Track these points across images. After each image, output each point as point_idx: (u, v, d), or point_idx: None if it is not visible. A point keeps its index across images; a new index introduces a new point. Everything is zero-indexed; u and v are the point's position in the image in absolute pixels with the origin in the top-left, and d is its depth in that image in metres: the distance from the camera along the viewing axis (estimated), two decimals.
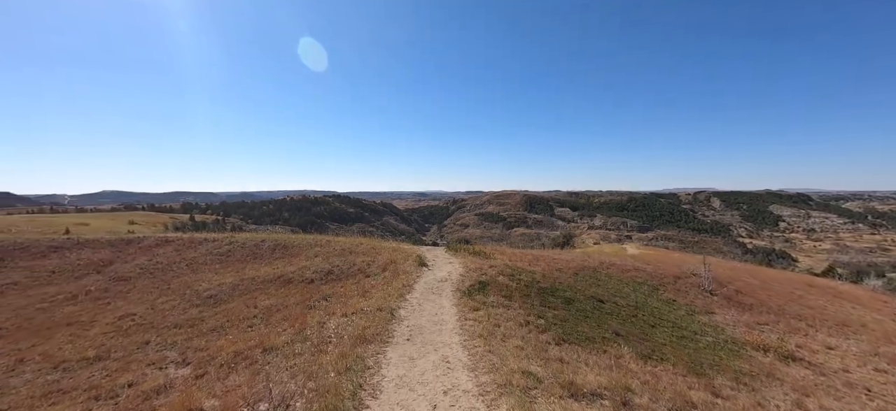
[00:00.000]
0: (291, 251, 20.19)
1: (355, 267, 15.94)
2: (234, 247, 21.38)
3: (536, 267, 17.73)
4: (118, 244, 21.94)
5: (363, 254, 17.75)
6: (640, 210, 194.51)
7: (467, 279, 12.76)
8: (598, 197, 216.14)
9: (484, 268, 14.63)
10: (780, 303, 19.61)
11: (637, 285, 18.56)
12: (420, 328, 8.00)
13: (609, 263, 22.15)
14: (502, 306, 10.60)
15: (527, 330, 8.53)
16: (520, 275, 14.51)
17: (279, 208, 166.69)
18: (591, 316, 11.70)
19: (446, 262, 15.65)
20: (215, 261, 19.59)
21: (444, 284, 12.18)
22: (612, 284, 17.59)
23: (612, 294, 15.48)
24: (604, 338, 9.52)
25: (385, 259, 16.31)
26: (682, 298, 18.13)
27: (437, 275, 13.30)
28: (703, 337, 12.60)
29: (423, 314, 9.10)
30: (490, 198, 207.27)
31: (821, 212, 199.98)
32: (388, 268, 14.97)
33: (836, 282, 31.04)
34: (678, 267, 23.85)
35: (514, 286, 12.83)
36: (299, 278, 15.51)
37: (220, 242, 22.26)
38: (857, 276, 43.36)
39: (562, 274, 17.25)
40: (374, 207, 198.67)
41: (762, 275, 27.41)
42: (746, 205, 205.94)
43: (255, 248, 21.06)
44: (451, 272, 13.76)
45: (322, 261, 17.30)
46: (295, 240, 21.81)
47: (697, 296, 19.13)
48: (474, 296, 11.11)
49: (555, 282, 14.90)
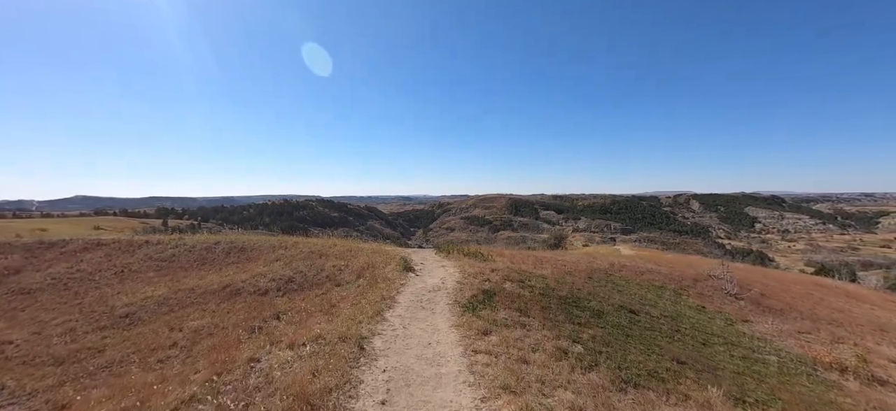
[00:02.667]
0: (249, 255, 16.72)
1: (323, 273, 12.70)
2: (179, 251, 17.72)
3: (543, 269, 14.87)
4: (35, 248, 17.92)
5: (335, 258, 14.49)
6: (623, 212, 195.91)
7: (467, 287, 9.74)
8: (582, 200, 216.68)
9: (485, 272, 11.64)
10: (808, 307, 17.33)
11: (658, 290, 15.94)
12: (405, 372, 4.93)
13: (619, 265, 19.53)
14: (519, 325, 7.63)
15: (567, 367, 5.58)
16: (529, 281, 11.59)
17: (260, 212, 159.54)
18: (633, 334, 8.87)
19: (437, 266, 12.60)
20: (152, 269, 15.93)
21: (438, 295, 9.13)
22: (632, 289, 14.89)
23: (638, 302, 12.74)
24: (668, 371, 6.68)
25: (361, 263, 13.12)
26: (709, 304, 15.60)
27: (428, 283, 10.22)
28: (766, 356, 9.95)
29: (409, 345, 6.02)
30: (475, 201, 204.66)
31: (793, 213, 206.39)
32: (364, 275, 11.80)
33: (841, 282, 29.56)
34: (692, 268, 21.49)
35: (526, 295, 9.90)
36: (250, 288, 12.15)
37: (165, 245, 18.54)
38: (847, 274, 42.66)
39: (574, 278, 14.43)
40: (358, 211, 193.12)
41: (775, 277, 25.39)
42: (724, 208, 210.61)
43: (205, 252, 17.47)
44: (444, 278, 10.71)
45: (282, 267, 13.95)
46: (255, 241, 18.32)
47: (724, 300, 16.68)
48: (479, 312, 8.10)
49: (572, 288, 12.05)
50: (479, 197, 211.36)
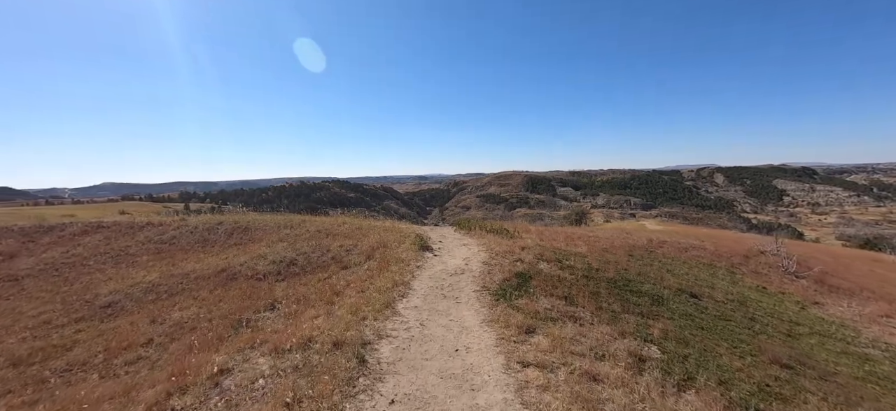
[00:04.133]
0: (252, 235, 15.42)
1: (329, 254, 11.19)
2: (181, 233, 16.57)
3: (578, 247, 13.02)
4: (32, 232, 17.06)
5: (343, 237, 12.98)
6: (643, 187, 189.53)
7: (496, 269, 8.03)
8: (601, 175, 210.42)
9: (514, 250, 9.89)
10: (877, 286, 15.00)
11: (709, 268, 13.95)
12: (424, 403, 3.25)
13: (658, 241, 17.49)
14: (569, 318, 5.92)
15: (655, 385, 3.86)
16: (567, 260, 9.80)
17: (278, 195, 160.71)
18: (707, 326, 7.06)
19: (458, 244, 10.91)
20: (150, 252, 14.81)
21: (462, 279, 7.46)
22: (681, 269, 12.95)
23: (694, 283, 10.83)
24: (778, 380, 4.89)
25: (372, 242, 11.55)
26: (768, 283, 13.53)
27: (449, 264, 8.56)
28: (867, 350, 8.01)
29: (428, 353, 4.38)
30: (491, 179, 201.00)
31: (825, 185, 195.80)
32: (374, 256, 10.23)
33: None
34: (739, 243, 19.25)
35: (568, 278, 8.13)
36: (248, 272, 10.77)
37: (166, 227, 17.44)
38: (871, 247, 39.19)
39: (614, 256, 12.55)
40: (374, 192, 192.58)
41: (829, 252, 22.80)
42: (750, 181, 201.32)
43: (206, 233, 16.27)
44: (468, 258, 9.02)
45: (286, 248, 12.53)
46: (259, 221, 17.00)
47: (783, 279, 14.55)
48: (515, 301, 6.41)
49: (617, 268, 10.20)
50: (495, 174, 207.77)
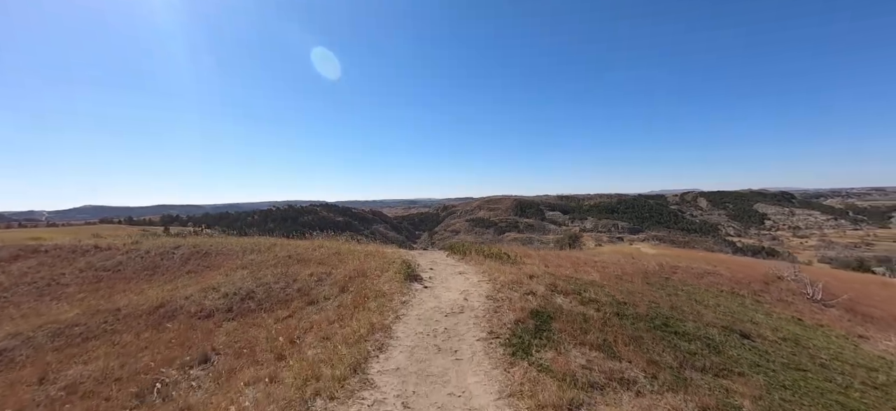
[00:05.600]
0: (211, 261, 13.26)
1: (295, 286, 9.18)
2: (129, 259, 14.29)
3: (589, 274, 11.28)
4: None
5: (316, 264, 10.97)
6: (630, 212, 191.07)
7: (505, 306, 6.19)
8: (588, 200, 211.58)
9: (521, 279, 8.07)
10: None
11: (737, 298, 12.37)
12: None
13: (670, 266, 15.93)
14: (618, 380, 4.12)
15: None
16: (586, 291, 8.01)
17: (265, 218, 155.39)
18: (791, 384, 5.32)
19: (453, 272, 9.04)
20: (85, 282, 12.48)
21: (461, 322, 5.58)
22: (708, 298, 11.31)
23: (734, 317, 9.15)
24: None
25: (349, 270, 9.59)
26: (803, 315, 11.97)
27: (443, 300, 6.68)
28: None
29: None
30: (480, 203, 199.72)
31: (804, 209, 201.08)
32: (350, 287, 8.27)
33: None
34: (753, 269, 17.86)
35: (596, 316, 6.35)
36: (192, 309, 8.65)
37: (114, 252, 15.13)
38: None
39: (632, 284, 10.85)
40: (363, 216, 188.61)
41: (831, 276, 21.58)
42: (732, 205, 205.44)
43: (159, 259, 14.04)
44: (467, 292, 7.15)
45: (245, 277, 10.43)
46: (223, 244, 14.85)
47: (812, 309, 13.06)
48: (538, 354, 4.59)
49: (647, 302, 8.46)
50: (484, 199, 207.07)
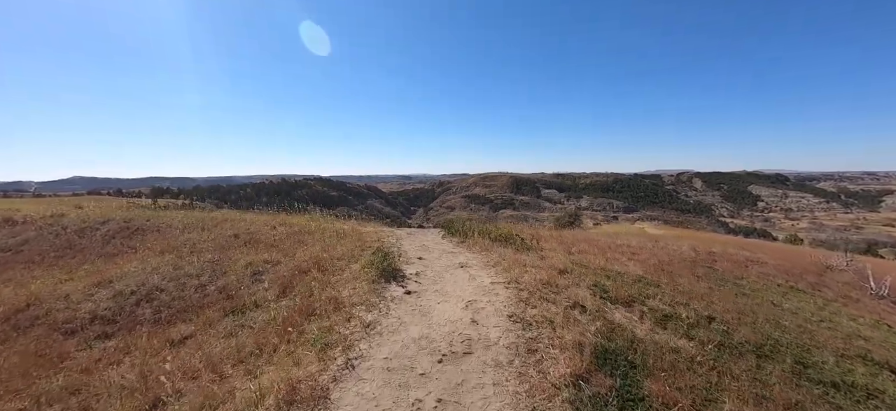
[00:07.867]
0: (140, 241, 10.37)
1: (220, 280, 6.43)
2: (41, 236, 11.33)
3: (626, 265, 8.55)
4: None
5: (265, 248, 8.12)
6: (626, 191, 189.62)
7: (546, 342, 3.40)
8: (584, 178, 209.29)
9: (553, 279, 5.30)
10: None
11: (802, 295, 9.85)
12: None
13: (707, 252, 13.39)
14: None
15: None
16: (651, 299, 5.28)
17: (257, 192, 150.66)
18: None
19: (451, 264, 6.28)
20: None
21: (468, 382, 2.81)
22: (779, 297, 8.71)
23: (839, 330, 6.54)
24: None
25: (303, 259, 6.73)
26: (870, 313, 9.56)
27: (435, 323, 3.92)
28: None
29: None
30: (476, 180, 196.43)
31: (797, 191, 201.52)
32: (294, 287, 5.48)
33: None
34: (799, 256, 15.47)
35: (697, 355, 3.66)
36: (60, 317, 5.87)
37: (26, 227, 12.15)
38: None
39: (690, 282, 8.18)
40: (357, 190, 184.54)
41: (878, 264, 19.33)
42: (727, 186, 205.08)
43: (77, 237, 11.12)
44: (475, 305, 4.39)
45: (163, 265, 7.60)
46: (163, 219, 11.91)
47: (877, 304, 10.71)
48: None
49: (751, 323, 5.76)
50: (480, 175, 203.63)
